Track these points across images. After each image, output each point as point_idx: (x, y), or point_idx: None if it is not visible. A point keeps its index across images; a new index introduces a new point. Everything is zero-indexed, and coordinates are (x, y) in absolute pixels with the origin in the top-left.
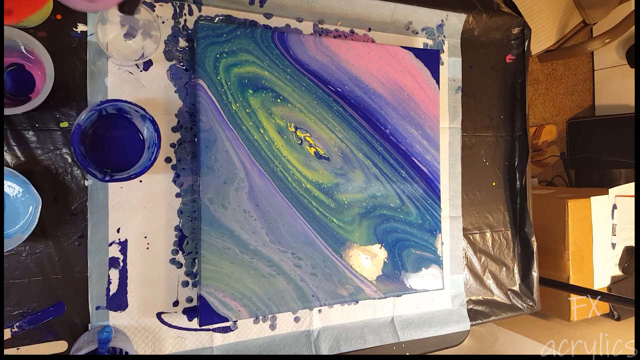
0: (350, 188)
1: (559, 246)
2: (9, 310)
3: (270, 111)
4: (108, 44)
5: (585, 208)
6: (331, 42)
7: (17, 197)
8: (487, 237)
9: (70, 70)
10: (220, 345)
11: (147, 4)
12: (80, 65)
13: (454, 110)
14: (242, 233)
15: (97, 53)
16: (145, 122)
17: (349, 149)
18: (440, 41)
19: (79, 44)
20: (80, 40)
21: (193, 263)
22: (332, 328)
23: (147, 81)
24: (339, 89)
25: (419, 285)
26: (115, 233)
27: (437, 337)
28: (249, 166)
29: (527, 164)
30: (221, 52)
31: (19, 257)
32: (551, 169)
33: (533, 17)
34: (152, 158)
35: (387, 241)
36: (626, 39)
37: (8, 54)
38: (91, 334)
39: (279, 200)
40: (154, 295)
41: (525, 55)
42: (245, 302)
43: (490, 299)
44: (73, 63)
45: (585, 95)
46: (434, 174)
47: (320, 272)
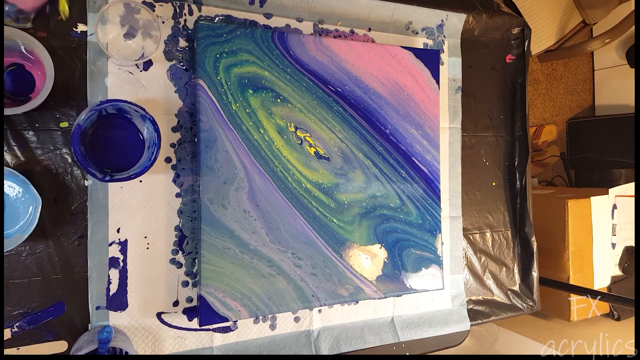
0: (350, 188)
1: (559, 246)
2: (9, 310)
3: (270, 111)
4: (108, 44)
5: (585, 208)
6: (331, 42)
7: (17, 197)
8: (487, 237)
9: (70, 70)
10: (220, 345)
11: (147, 4)
12: (80, 65)
13: (454, 110)
14: (242, 233)
15: (97, 53)
16: (145, 122)
17: (349, 149)
18: (440, 41)
19: (79, 44)
20: (80, 40)
21: (193, 263)
22: (332, 328)
23: (147, 81)
24: (339, 89)
25: (419, 285)
26: (115, 233)
27: (437, 337)
28: (249, 166)
29: (527, 164)
30: (221, 52)
31: (19, 257)
32: (551, 169)
33: (533, 17)
34: (152, 158)
35: (387, 241)
36: (626, 39)
37: (8, 54)
38: (91, 334)
39: (279, 200)
40: (154, 295)
41: (525, 55)
42: (245, 302)
43: (490, 299)
44: (73, 63)
45: (585, 95)
46: (434, 174)
47: (320, 272)
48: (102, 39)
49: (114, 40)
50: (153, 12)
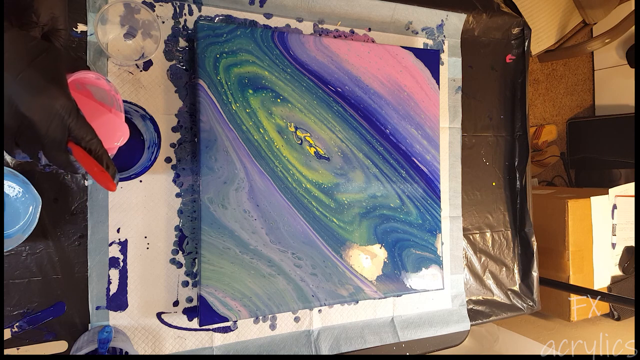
0: (350, 188)
1: (559, 246)
2: (9, 310)
3: (270, 111)
4: (108, 44)
5: (585, 208)
6: (331, 42)
7: (17, 197)
8: (487, 237)
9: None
10: (220, 345)
11: (147, 4)
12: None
13: (454, 110)
14: (242, 233)
15: (97, 53)
16: (145, 122)
17: (349, 149)
18: (440, 41)
19: (79, 44)
20: (80, 40)
21: (193, 263)
22: (332, 328)
23: (147, 81)
24: (339, 89)
25: (419, 285)
26: (115, 233)
27: (437, 337)
28: (249, 166)
29: (527, 164)
30: (221, 52)
31: (19, 257)
32: (551, 169)
33: (533, 17)
34: (152, 158)
35: (387, 241)
36: (626, 39)
37: None
38: (91, 334)
39: (279, 200)
40: (154, 295)
41: (525, 55)
42: (245, 302)
43: (490, 299)
44: None
45: (585, 95)
46: (434, 174)
47: (320, 272)
48: (102, 39)
49: (114, 40)
50: (153, 12)
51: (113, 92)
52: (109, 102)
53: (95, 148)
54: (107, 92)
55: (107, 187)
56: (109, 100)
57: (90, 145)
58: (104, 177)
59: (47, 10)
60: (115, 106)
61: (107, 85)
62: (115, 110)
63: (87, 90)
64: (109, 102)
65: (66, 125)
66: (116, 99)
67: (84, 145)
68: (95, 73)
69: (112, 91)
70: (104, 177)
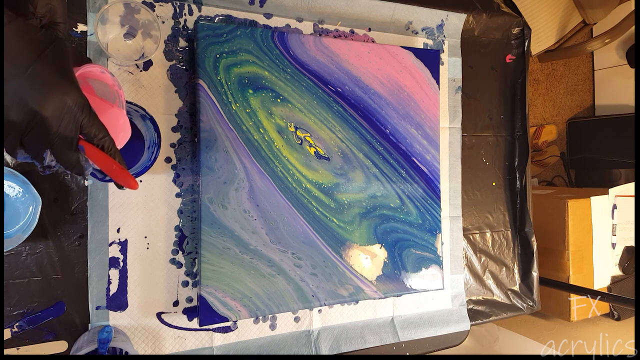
0: (350, 188)
1: (559, 246)
2: (9, 310)
3: (270, 111)
4: (108, 44)
5: (585, 208)
6: (331, 42)
7: (17, 197)
8: (487, 237)
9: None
10: (220, 345)
11: (147, 4)
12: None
13: (454, 110)
14: (242, 233)
15: (97, 53)
16: (145, 122)
17: (349, 149)
18: (440, 41)
19: (79, 44)
20: (80, 40)
21: (193, 263)
22: (332, 328)
23: (147, 81)
24: (339, 89)
25: (419, 285)
26: (115, 233)
27: (437, 337)
28: (249, 166)
29: (527, 164)
30: (221, 52)
31: (19, 257)
32: (551, 169)
33: (533, 17)
34: (152, 158)
35: (387, 241)
36: (626, 39)
37: None
38: (91, 334)
39: (279, 200)
40: (154, 295)
41: (525, 55)
42: (245, 302)
43: (490, 299)
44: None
45: (585, 95)
46: (434, 174)
47: (320, 272)
48: (102, 39)
49: (114, 40)
50: (153, 12)
51: (116, 87)
52: (110, 98)
53: (108, 146)
54: (109, 87)
55: (128, 185)
56: (111, 96)
57: (103, 142)
58: (124, 175)
59: (44, 1)
60: (117, 102)
61: (111, 79)
62: (118, 106)
63: (89, 85)
64: (110, 98)
65: (79, 122)
66: (118, 95)
67: (96, 143)
68: (100, 66)
69: (115, 86)
70: (124, 175)
